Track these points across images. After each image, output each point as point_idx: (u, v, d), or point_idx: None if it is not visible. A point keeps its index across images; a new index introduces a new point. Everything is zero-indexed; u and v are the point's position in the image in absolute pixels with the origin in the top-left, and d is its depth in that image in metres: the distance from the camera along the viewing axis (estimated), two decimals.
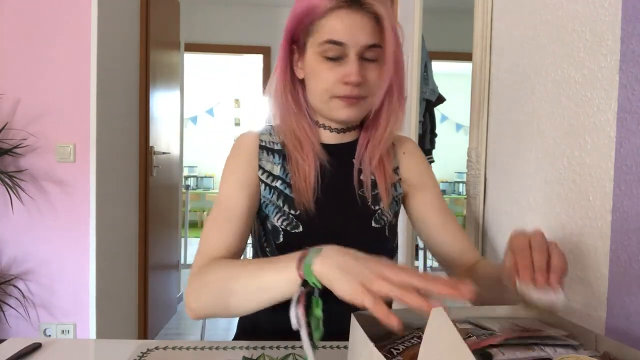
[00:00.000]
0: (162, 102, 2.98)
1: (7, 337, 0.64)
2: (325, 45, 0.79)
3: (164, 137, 3.05)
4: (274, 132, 0.92)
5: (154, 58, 2.79)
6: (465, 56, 1.23)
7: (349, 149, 0.91)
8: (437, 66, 2.27)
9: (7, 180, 2.04)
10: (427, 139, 2.22)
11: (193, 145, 7.00)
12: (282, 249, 0.85)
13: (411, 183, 0.93)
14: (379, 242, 0.87)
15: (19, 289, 2.16)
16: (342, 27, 0.78)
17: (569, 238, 0.76)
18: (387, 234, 0.88)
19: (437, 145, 2.32)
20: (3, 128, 2.09)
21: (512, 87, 0.99)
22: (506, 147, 1.01)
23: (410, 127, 1.97)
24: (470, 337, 0.54)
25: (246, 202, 0.85)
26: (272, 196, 0.87)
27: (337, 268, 0.58)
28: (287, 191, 0.87)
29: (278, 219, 0.86)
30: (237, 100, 7.73)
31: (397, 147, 0.95)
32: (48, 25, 2.14)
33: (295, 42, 0.86)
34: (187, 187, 5.45)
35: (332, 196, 0.87)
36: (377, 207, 0.88)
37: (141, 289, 2.75)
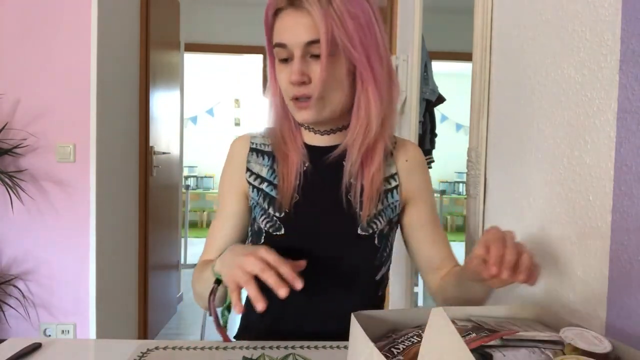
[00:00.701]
0: (162, 102, 2.98)
1: (7, 337, 0.64)
2: (275, 49, 0.80)
3: (164, 137, 3.05)
4: (267, 134, 0.92)
5: (154, 58, 2.79)
6: (465, 56, 1.23)
7: (339, 151, 0.86)
8: (437, 66, 2.28)
9: (7, 180, 2.04)
10: (427, 139, 2.22)
11: (193, 145, 7.00)
12: None
13: (409, 193, 0.90)
14: (365, 250, 0.85)
15: (19, 289, 2.16)
16: (283, 28, 0.78)
17: (569, 238, 0.76)
18: (376, 242, 0.85)
19: (437, 145, 2.33)
20: (3, 128, 2.09)
21: (512, 87, 0.99)
22: (506, 147, 1.02)
23: (410, 127, 1.97)
24: (469, 334, 0.54)
25: (238, 206, 0.90)
26: (259, 198, 0.88)
27: (225, 263, 0.71)
28: (272, 193, 0.87)
29: (262, 221, 0.86)
30: (237, 100, 7.73)
31: (398, 152, 0.91)
32: (48, 25, 2.14)
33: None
34: (187, 187, 5.45)
35: (315, 199, 0.85)
36: (367, 214, 0.85)
37: (141, 289, 2.75)
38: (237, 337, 0.93)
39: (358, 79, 0.80)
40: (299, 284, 0.63)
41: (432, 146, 2.28)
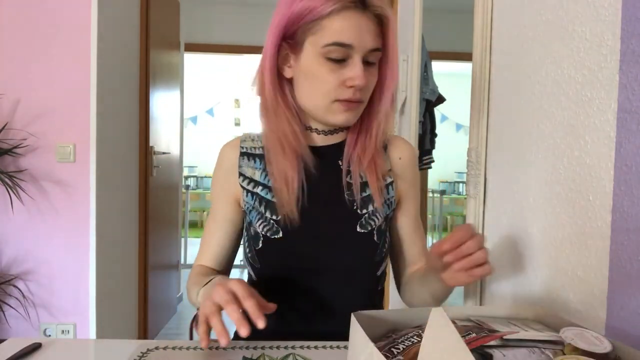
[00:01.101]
0: (162, 102, 2.98)
1: (7, 337, 0.64)
2: (331, 47, 0.75)
3: (164, 137, 3.05)
4: (257, 137, 0.91)
5: (154, 58, 2.79)
6: (465, 56, 1.23)
7: (335, 150, 0.88)
8: (437, 66, 2.27)
9: (7, 180, 2.04)
10: (427, 139, 2.22)
11: (193, 145, 7.00)
12: (261, 255, 0.85)
13: (402, 191, 0.92)
14: (364, 248, 0.84)
15: (19, 289, 2.16)
16: (349, 28, 0.75)
17: (569, 238, 0.76)
18: (375, 238, 0.85)
19: (437, 145, 2.33)
20: (3, 128, 2.09)
21: (512, 87, 0.99)
22: (506, 147, 1.01)
23: (410, 127, 1.97)
24: (469, 334, 0.54)
25: (230, 211, 0.91)
26: (255, 202, 0.87)
27: (202, 297, 0.73)
28: (268, 196, 0.86)
29: (259, 225, 0.85)
30: (237, 100, 7.73)
31: (391, 149, 0.92)
32: (48, 25, 2.14)
33: (288, 40, 0.80)
34: (187, 187, 5.45)
35: (315, 200, 0.85)
36: (364, 211, 0.85)
37: (141, 289, 2.75)
38: (236, 337, 0.93)
39: (382, 82, 0.84)
40: (261, 324, 0.61)
41: (432, 146, 2.28)
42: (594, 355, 0.49)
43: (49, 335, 2.18)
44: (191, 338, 0.77)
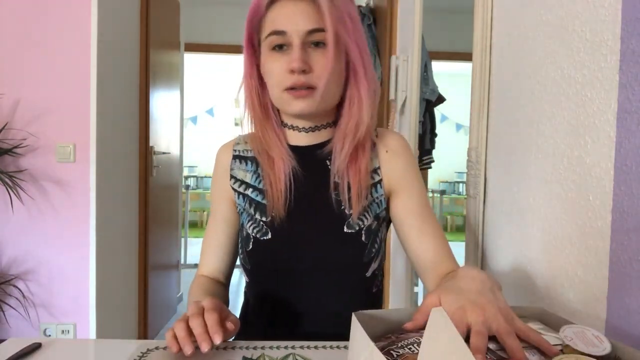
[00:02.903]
0: (162, 102, 2.98)
1: (7, 337, 0.64)
2: (270, 37, 0.79)
3: (164, 137, 3.05)
4: (248, 139, 0.92)
5: (154, 58, 2.79)
6: (465, 56, 1.23)
7: (322, 149, 0.86)
8: (437, 66, 2.27)
9: (7, 180, 2.04)
10: (427, 139, 2.22)
11: (193, 145, 7.00)
12: (252, 257, 0.86)
13: (393, 184, 0.87)
14: (351, 248, 0.83)
15: (19, 289, 2.16)
16: (283, 16, 0.77)
17: (569, 238, 0.76)
18: (363, 239, 0.83)
19: (437, 145, 2.32)
20: (3, 128, 2.09)
21: (512, 87, 0.99)
22: (506, 147, 1.01)
23: (410, 127, 1.97)
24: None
25: (228, 212, 0.92)
26: (245, 204, 0.88)
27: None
28: (258, 198, 0.87)
29: (250, 227, 0.86)
30: (237, 100, 7.71)
31: (379, 145, 0.89)
32: (48, 25, 2.14)
33: (254, 44, 0.85)
34: (187, 187, 5.45)
35: (303, 201, 0.85)
36: (351, 211, 0.83)
37: (141, 289, 2.75)
38: (236, 337, 0.94)
39: (351, 75, 0.82)
40: (217, 339, 0.61)
41: (432, 146, 2.28)
42: (593, 355, 0.49)
43: (49, 335, 2.18)
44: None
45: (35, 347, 0.70)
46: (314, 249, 0.83)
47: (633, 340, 0.60)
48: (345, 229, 0.83)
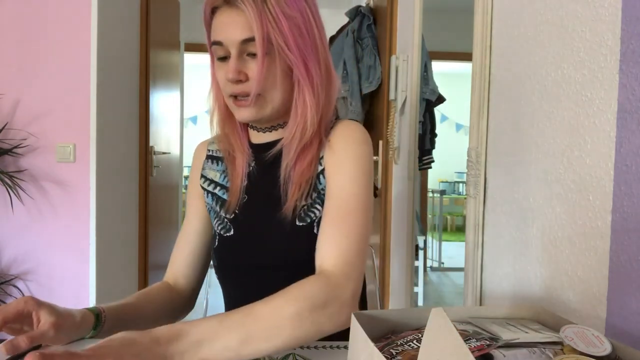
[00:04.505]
0: (162, 102, 2.98)
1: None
2: (213, 47, 0.80)
3: (164, 137, 3.05)
4: (216, 139, 0.94)
5: (154, 58, 2.79)
6: (465, 56, 1.23)
7: (278, 148, 0.85)
8: (437, 66, 2.27)
9: (7, 180, 2.04)
10: (427, 139, 2.22)
11: (193, 145, 6.96)
12: (217, 253, 0.89)
13: (327, 176, 0.83)
14: (305, 241, 0.82)
15: (19, 289, 2.16)
16: (220, 25, 0.78)
17: (569, 238, 0.76)
18: (315, 231, 0.82)
19: (437, 145, 2.32)
20: (3, 128, 2.09)
21: (512, 87, 0.99)
22: (506, 147, 1.01)
23: (410, 127, 1.97)
24: (469, 339, 0.54)
25: (200, 211, 0.95)
26: (212, 202, 0.91)
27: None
28: (225, 196, 0.90)
29: (215, 223, 0.90)
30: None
31: (330, 135, 0.86)
32: (48, 25, 2.14)
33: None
34: (187, 187, 5.44)
35: (258, 197, 0.87)
36: (302, 204, 0.83)
37: (141, 288, 2.75)
38: None
39: (295, 80, 0.81)
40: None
41: (432, 146, 2.28)
42: (593, 355, 0.49)
43: None
44: None
45: (35, 347, 0.70)
46: (271, 243, 0.85)
47: (633, 340, 0.60)
48: (297, 222, 0.83)
